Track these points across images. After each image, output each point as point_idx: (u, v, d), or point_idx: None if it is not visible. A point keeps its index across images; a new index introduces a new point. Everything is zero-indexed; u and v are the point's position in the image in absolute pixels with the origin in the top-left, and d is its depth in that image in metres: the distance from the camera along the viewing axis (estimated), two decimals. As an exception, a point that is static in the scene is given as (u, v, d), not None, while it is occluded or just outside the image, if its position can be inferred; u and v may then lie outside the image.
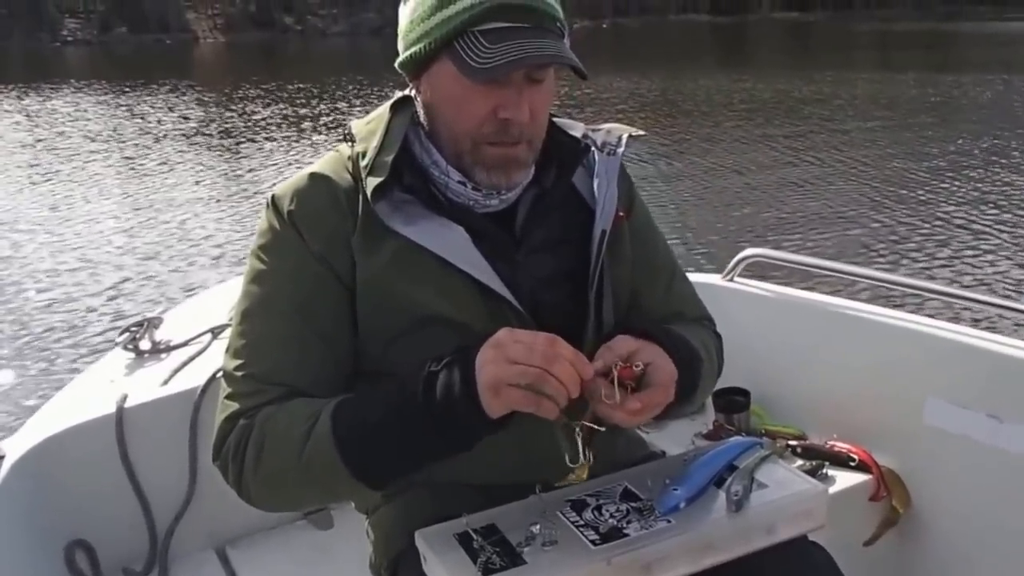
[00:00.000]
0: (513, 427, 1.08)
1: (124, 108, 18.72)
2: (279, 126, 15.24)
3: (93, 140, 14.49)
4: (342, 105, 17.79)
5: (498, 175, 1.22)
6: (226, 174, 11.32)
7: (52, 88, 23.43)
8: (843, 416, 2.06)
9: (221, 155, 12.99)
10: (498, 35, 1.13)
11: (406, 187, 1.22)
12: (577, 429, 1.10)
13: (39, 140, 14.80)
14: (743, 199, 9.04)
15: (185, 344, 2.14)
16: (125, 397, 1.81)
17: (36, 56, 40.12)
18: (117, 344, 2.19)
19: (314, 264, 1.21)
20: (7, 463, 1.63)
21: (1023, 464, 1.77)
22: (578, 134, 1.36)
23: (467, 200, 1.25)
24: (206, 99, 20.25)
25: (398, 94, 1.31)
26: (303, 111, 17.10)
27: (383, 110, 1.29)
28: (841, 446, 2.00)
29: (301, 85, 21.64)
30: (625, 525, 1.12)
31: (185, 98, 20.36)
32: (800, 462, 1.96)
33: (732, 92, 18.50)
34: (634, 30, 55.65)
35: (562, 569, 1.05)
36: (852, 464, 1.97)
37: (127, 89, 22.51)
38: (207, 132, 15.14)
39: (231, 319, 2.14)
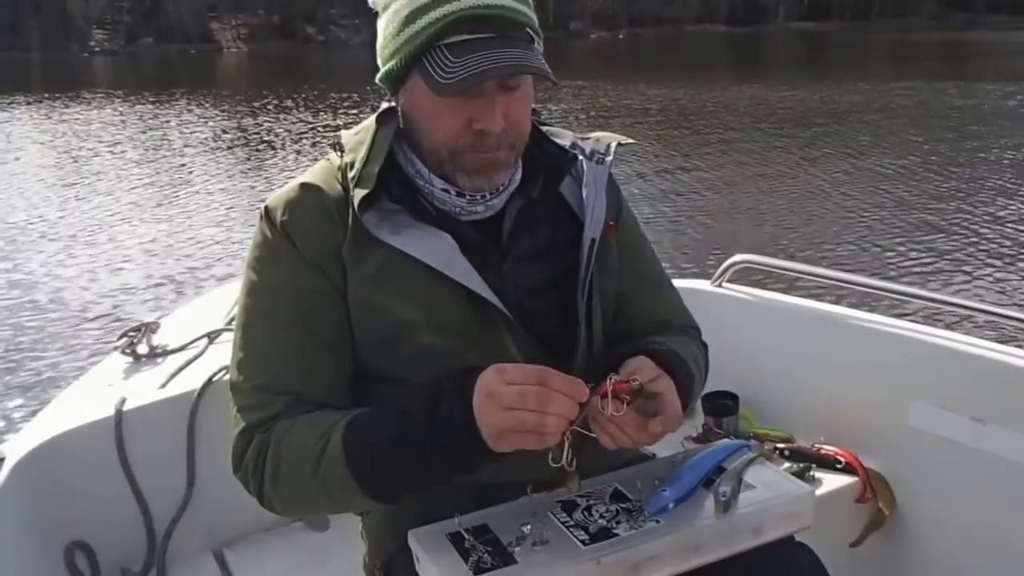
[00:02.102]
0: None
1: (148, 117, 18.64)
2: (300, 135, 15.08)
3: (115, 148, 14.46)
4: (363, 115, 17.68)
5: (480, 178, 1.23)
6: (245, 183, 11.20)
7: (80, 97, 23.47)
8: (830, 419, 2.08)
9: (242, 164, 12.91)
10: (463, 48, 1.14)
11: (394, 197, 1.23)
12: (567, 435, 1.10)
13: (64, 147, 14.78)
14: (761, 210, 8.97)
15: (182, 348, 2.16)
16: (123, 400, 1.83)
17: (66, 66, 40.19)
18: (115, 348, 2.20)
19: (308, 273, 1.23)
20: (7, 465, 1.65)
21: (1006, 466, 1.79)
22: (566, 143, 1.37)
23: (453, 208, 1.26)
24: (229, 108, 20.07)
25: (384, 105, 1.32)
26: (325, 120, 16.91)
27: (370, 121, 1.31)
28: (828, 449, 2.03)
29: (323, 94, 21.36)
30: (615, 525, 1.14)
31: (208, 108, 20.22)
32: (787, 464, 1.98)
33: (774, 103, 18.01)
34: (650, 40, 54.64)
35: (552, 568, 1.07)
36: (839, 466, 2.00)
37: (152, 98, 22.45)
38: (229, 141, 15.06)
39: (227, 324, 2.19)
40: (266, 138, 15.08)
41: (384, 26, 1.22)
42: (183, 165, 12.69)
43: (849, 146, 12.63)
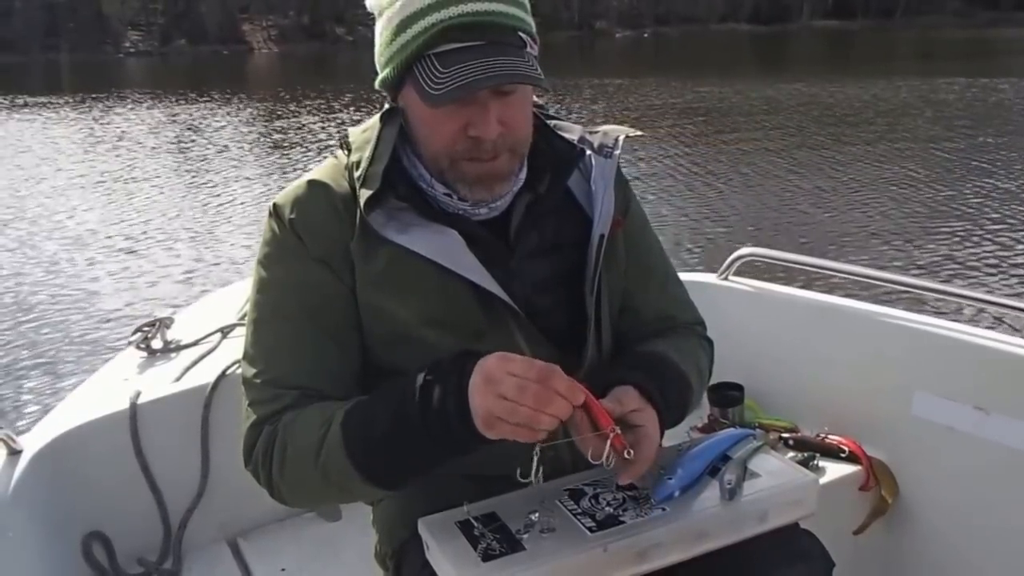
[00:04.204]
0: None
1: (181, 117, 18.79)
2: (330, 134, 15.06)
3: (146, 148, 14.58)
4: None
5: (480, 190, 1.23)
6: (272, 183, 11.19)
7: (116, 97, 23.80)
8: (834, 409, 2.10)
9: (270, 163, 12.90)
10: (451, 57, 1.13)
11: (400, 196, 1.24)
12: (536, 448, 1.08)
13: (99, 146, 14.93)
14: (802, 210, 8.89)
15: (196, 343, 2.18)
16: (138, 394, 1.86)
17: (102, 67, 40.71)
18: (130, 343, 2.23)
19: (317, 269, 1.24)
20: (25, 458, 1.67)
21: (1008, 455, 1.81)
22: (574, 137, 1.36)
23: (456, 209, 1.26)
24: (260, 108, 20.13)
25: (387, 105, 1.31)
26: (354, 118, 16.85)
27: (375, 120, 1.31)
28: (832, 438, 2.05)
29: (351, 94, 21.34)
30: (621, 513, 1.15)
31: (240, 108, 20.33)
32: (792, 453, 2.00)
33: (824, 100, 17.73)
34: (676, 39, 54.04)
35: (560, 555, 1.08)
36: (842, 455, 2.01)
37: (185, 98, 22.64)
38: (258, 141, 15.12)
39: (240, 319, 2.22)
40: (295, 138, 15.12)
41: (379, 32, 1.22)
42: (212, 164, 12.72)
43: (887, 144, 12.46)
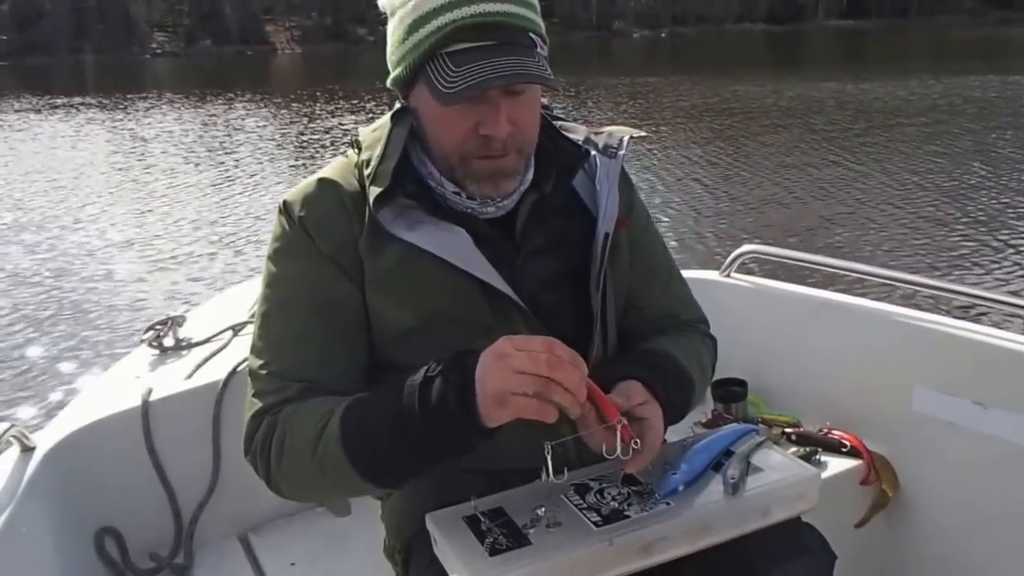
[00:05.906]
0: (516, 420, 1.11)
1: (206, 115, 18.99)
2: (349, 133, 15.12)
3: (171, 146, 14.71)
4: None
5: (487, 186, 1.26)
6: (292, 182, 11.21)
7: (143, 97, 24.19)
8: (836, 404, 2.12)
9: (291, 162, 12.97)
10: (464, 56, 1.15)
11: (408, 194, 1.26)
12: (548, 447, 1.10)
13: (125, 145, 15.11)
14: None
15: (207, 341, 2.21)
16: (150, 391, 1.88)
17: (129, 67, 41.39)
18: (142, 341, 2.26)
19: (326, 265, 1.26)
20: (39, 454, 1.70)
21: (1007, 449, 1.83)
22: (579, 137, 1.38)
23: (464, 208, 1.29)
24: (283, 108, 20.28)
25: (397, 104, 1.34)
26: (375, 118, 16.98)
27: (386, 119, 1.33)
28: (834, 433, 2.07)
29: (373, 94, 21.45)
30: (626, 507, 1.17)
31: (263, 107, 20.58)
32: (794, 448, 2.02)
33: (862, 99, 17.74)
34: (692, 39, 53.98)
35: (566, 549, 1.10)
36: (844, 450, 2.03)
37: (213, 98, 22.93)
38: (281, 141, 15.18)
39: (251, 316, 2.24)
40: (315, 137, 15.16)
41: (391, 32, 1.25)
42: (246, 167, 12.75)
43: (937, 143, 12.40)
